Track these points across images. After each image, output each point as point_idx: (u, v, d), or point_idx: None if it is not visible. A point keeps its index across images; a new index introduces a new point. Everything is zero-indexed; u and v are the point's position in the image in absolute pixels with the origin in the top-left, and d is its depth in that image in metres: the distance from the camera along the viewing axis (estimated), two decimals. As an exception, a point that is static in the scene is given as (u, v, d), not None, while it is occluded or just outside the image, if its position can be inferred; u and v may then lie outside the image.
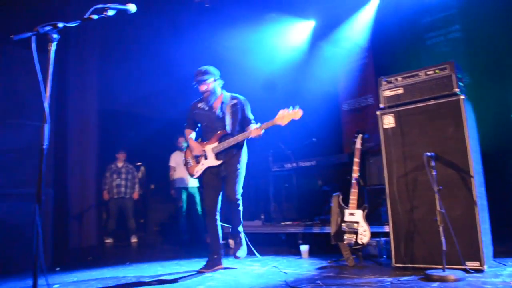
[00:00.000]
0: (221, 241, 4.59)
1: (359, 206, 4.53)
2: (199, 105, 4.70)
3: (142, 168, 10.77)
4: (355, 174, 4.64)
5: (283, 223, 6.48)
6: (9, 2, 5.48)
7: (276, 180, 7.12)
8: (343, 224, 4.50)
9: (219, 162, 4.52)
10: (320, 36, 8.35)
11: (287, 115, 4.18)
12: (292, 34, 8.58)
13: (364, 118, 7.93)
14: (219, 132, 4.55)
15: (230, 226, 4.76)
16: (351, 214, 4.50)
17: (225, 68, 5.00)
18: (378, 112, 4.26)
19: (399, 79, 4.20)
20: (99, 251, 5.85)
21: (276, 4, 8.22)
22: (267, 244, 6.72)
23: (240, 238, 4.62)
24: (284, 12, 8.36)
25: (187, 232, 7.87)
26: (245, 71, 7.68)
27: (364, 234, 4.35)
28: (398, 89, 4.18)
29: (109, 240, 8.33)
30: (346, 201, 4.59)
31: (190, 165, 4.74)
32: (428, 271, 3.40)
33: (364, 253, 4.57)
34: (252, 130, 4.35)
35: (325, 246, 5.52)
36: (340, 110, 8.34)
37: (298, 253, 5.34)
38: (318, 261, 4.79)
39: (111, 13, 2.71)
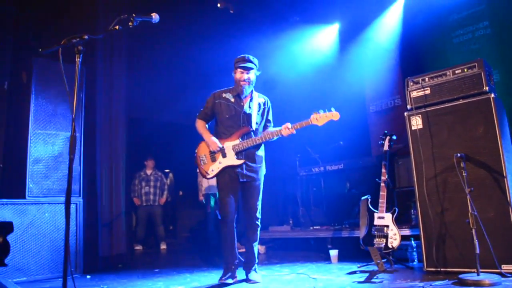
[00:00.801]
0: (237, 251, 4.19)
1: (388, 209, 4.46)
2: (224, 95, 4.20)
3: (171, 175, 10.87)
4: (384, 177, 4.57)
5: (311, 228, 6.43)
6: (41, 17, 5.62)
7: (304, 184, 7.09)
8: (372, 228, 4.43)
9: (239, 162, 4.01)
10: (346, 39, 8.26)
11: (323, 116, 3.88)
12: (317, 39, 8.51)
13: (392, 120, 7.81)
14: (243, 128, 4.07)
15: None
16: (381, 217, 4.43)
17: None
18: (405, 114, 4.19)
19: (426, 79, 4.12)
20: (128, 259, 5.91)
21: (300, 10, 8.19)
22: (296, 249, 6.70)
23: (255, 258, 4.15)
24: (307, 18, 8.33)
25: (216, 239, 7.89)
26: (272, 76, 7.69)
27: (394, 238, 4.28)
28: (426, 90, 4.10)
29: (138, 247, 8.43)
30: (375, 204, 4.53)
31: (204, 162, 4.15)
32: (462, 275, 3.30)
33: (395, 257, 4.48)
34: (283, 129, 3.96)
35: (355, 251, 5.45)
36: (367, 112, 8.23)
37: (327, 258, 5.28)
38: (347, 265, 4.72)
39: (135, 23, 2.73)
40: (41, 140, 4.92)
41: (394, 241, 4.26)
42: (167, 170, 10.70)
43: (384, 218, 4.40)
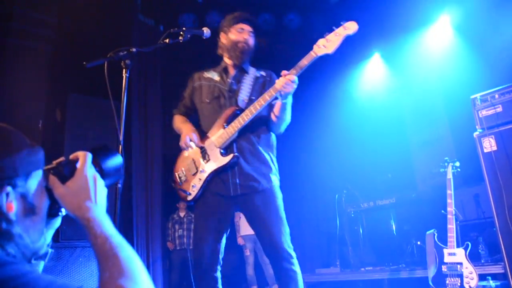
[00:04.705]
0: None
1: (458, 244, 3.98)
2: (206, 74, 2.95)
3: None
4: (450, 208, 4.10)
5: (363, 269, 5.88)
6: (76, 54, 5.49)
7: (351, 221, 6.61)
8: (443, 266, 3.93)
9: (227, 159, 2.61)
10: (388, 67, 7.92)
11: (333, 38, 2.53)
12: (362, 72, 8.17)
13: (437, 150, 7.35)
14: (227, 110, 2.73)
15: None
16: (451, 254, 3.94)
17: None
18: (475, 135, 3.77)
19: (496, 96, 3.74)
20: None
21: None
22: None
23: None
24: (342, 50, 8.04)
25: (256, 283, 7.40)
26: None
27: (470, 277, 3.76)
28: (496, 107, 3.70)
29: (173, 294, 7.96)
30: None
31: (183, 180, 2.80)
32: None
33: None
34: (281, 77, 2.54)
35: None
36: (409, 144, 7.77)
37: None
38: (414, 310, 4.20)
39: (185, 38, 2.45)
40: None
41: (471, 280, 3.74)
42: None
43: (456, 255, 3.90)
